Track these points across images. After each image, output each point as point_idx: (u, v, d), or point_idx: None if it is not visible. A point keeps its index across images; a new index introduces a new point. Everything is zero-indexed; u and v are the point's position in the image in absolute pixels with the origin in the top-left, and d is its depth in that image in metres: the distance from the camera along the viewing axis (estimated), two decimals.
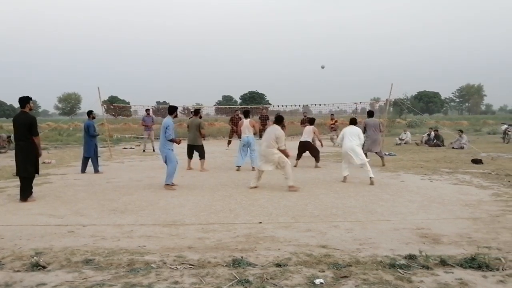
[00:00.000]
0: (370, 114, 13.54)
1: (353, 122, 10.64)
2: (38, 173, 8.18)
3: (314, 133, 13.63)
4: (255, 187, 9.13)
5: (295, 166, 12.38)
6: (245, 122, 12.43)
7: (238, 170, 12.10)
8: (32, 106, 8.14)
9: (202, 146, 12.41)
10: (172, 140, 9.34)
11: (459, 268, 4.23)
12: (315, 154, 13.16)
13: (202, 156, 12.33)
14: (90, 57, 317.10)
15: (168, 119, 9.47)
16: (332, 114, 24.40)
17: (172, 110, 9.81)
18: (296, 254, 4.71)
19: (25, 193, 7.90)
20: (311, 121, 14.02)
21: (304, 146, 13.30)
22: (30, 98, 8.07)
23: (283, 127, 9.57)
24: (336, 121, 22.78)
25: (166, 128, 9.25)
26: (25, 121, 7.85)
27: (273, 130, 9.11)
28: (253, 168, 12.16)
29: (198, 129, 12.24)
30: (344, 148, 10.13)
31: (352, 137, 10.08)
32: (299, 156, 13.30)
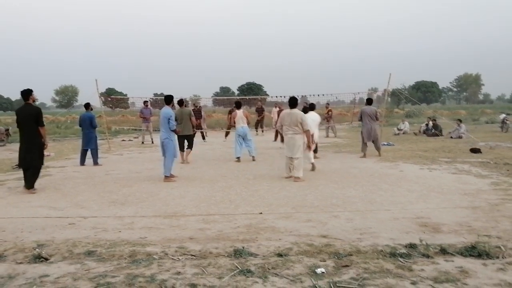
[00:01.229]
0: (369, 101, 13.33)
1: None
2: (43, 164, 8.36)
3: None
4: (290, 177, 9.07)
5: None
6: (239, 113, 12.51)
7: (238, 161, 12.10)
8: (35, 97, 8.25)
9: (193, 136, 12.40)
10: (174, 131, 9.34)
11: (459, 257, 4.26)
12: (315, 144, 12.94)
13: (190, 147, 12.27)
14: (87, 50, 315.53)
15: (168, 109, 9.37)
16: (327, 103, 23.29)
17: (169, 99, 9.65)
18: (297, 244, 4.73)
19: (33, 180, 8.10)
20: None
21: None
22: (32, 90, 8.15)
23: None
24: (330, 111, 21.81)
25: (169, 119, 9.18)
26: (31, 112, 8.00)
27: (295, 114, 8.98)
28: (252, 158, 12.17)
29: (189, 118, 12.08)
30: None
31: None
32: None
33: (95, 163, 11.80)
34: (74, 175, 10.03)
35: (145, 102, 19.38)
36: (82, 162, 11.84)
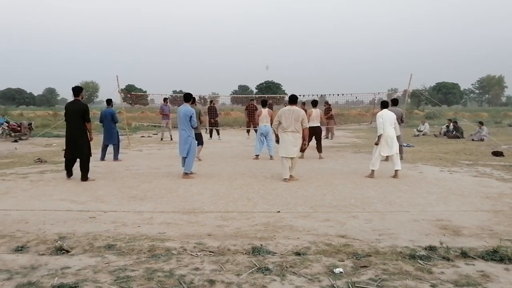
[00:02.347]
0: (394, 102, 12.27)
1: (385, 105, 9.73)
2: (91, 155, 8.92)
3: (321, 117, 12.89)
4: (291, 179, 8.79)
5: (302, 158, 11.78)
6: (264, 112, 12.48)
7: (256, 158, 12.12)
8: (84, 95, 9.10)
9: (200, 133, 12.45)
10: (195, 128, 9.43)
11: (481, 260, 4.20)
12: (320, 142, 12.60)
13: (200, 143, 12.33)
14: (107, 47, 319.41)
15: (188, 106, 9.35)
16: (326, 102, 21.42)
17: (188, 97, 9.62)
18: (315, 243, 4.73)
19: (86, 172, 8.76)
20: (315, 103, 13.12)
21: (315, 133, 12.42)
22: (82, 88, 9.21)
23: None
24: (329, 108, 20.33)
25: (191, 116, 9.18)
26: (79, 108, 8.74)
27: (297, 112, 8.81)
28: (271, 157, 12.16)
29: (198, 117, 12.14)
30: (385, 136, 9.25)
31: (391, 122, 9.35)
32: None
33: (116, 158, 11.93)
34: (95, 170, 10.15)
35: (165, 99, 19.56)
36: (103, 157, 11.99)
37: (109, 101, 12.69)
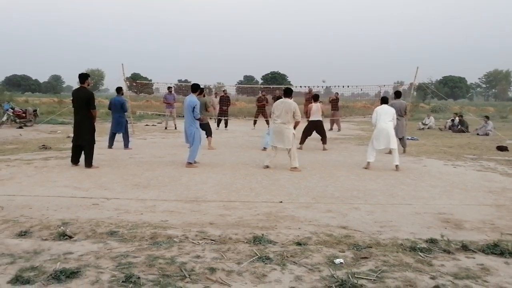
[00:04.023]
0: (397, 95, 12.56)
1: (385, 101, 9.83)
2: (95, 142, 8.97)
3: (322, 110, 12.86)
4: (267, 167, 9.06)
5: (300, 149, 11.92)
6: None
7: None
8: (90, 82, 9.02)
9: (208, 123, 12.45)
10: (199, 119, 9.39)
11: (481, 254, 4.20)
12: (324, 134, 12.60)
13: (209, 134, 12.37)
14: (114, 34, 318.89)
15: (193, 97, 9.40)
16: (336, 93, 20.97)
17: (196, 88, 9.71)
18: (316, 233, 4.74)
19: (90, 159, 8.80)
20: (316, 98, 12.99)
21: (316, 126, 12.53)
22: (89, 75, 9.13)
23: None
24: (337, 99, 20.12)
25: (194, 107, 9.20)
26: (85, 95, 8.74)
27: (289, 104, 8.85)
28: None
29: (204, 108, 12.16)
30: (378, 129, 9.39)
31: (387, 117, 9.41)
32: (305, 138, 12.60)
33: (126, 146, 11.93)
34: (99, 158, 10.17)
35: (169, 88, 19.52)
36: (111, 145, 12.00)
37: (119, 89, 12.56)
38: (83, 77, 8.81)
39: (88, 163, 8.75)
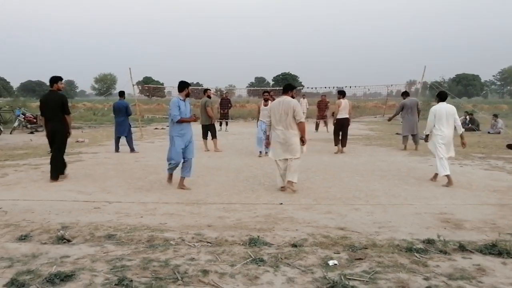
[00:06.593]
0: (406, 94, 12.92)
1: (443, 97, 8.08)
2: (63, 155, 8.16)
3: (350, 109, 12.16)
4: (284, 188, 7.21)
5: (342, 152, 11.76)
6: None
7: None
8: (61, 86, 8.06)
9: (213, 125, 12.48)
10: (183, 121, 7.36)
11: (478, 254, 4.15)
12: (346, 135, 12.15)
13: (213, 136, 12.41)
14: (126, 39, 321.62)
15: (174, 98, 7.62)
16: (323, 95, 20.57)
17: (182, 86, 7.52)
18: (313, 235, 4.73)
19: (55, 169, 7.92)
20: (343, 94, 12.33)
21: (343, 125, 11.97)
22: (60, 78, 8.06)
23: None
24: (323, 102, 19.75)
25: (170, 109, 7.39)
26: (58, 99, 7.86)
27: (288, 102, 7.06)
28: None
29: (205, 108, 12.27)
30: (442, 136, 7.86)
31: (450, 119, 7.85)
32: (338, 138, 12.00)
33: (132, 149, 12.05)
34: (105, 161, 10.31)
35: None
36: (117, 149, 12.13)
37: (121, 93, 12.78)
38: (52, 80, 7.91)
39: (53, 174, 7.89)
